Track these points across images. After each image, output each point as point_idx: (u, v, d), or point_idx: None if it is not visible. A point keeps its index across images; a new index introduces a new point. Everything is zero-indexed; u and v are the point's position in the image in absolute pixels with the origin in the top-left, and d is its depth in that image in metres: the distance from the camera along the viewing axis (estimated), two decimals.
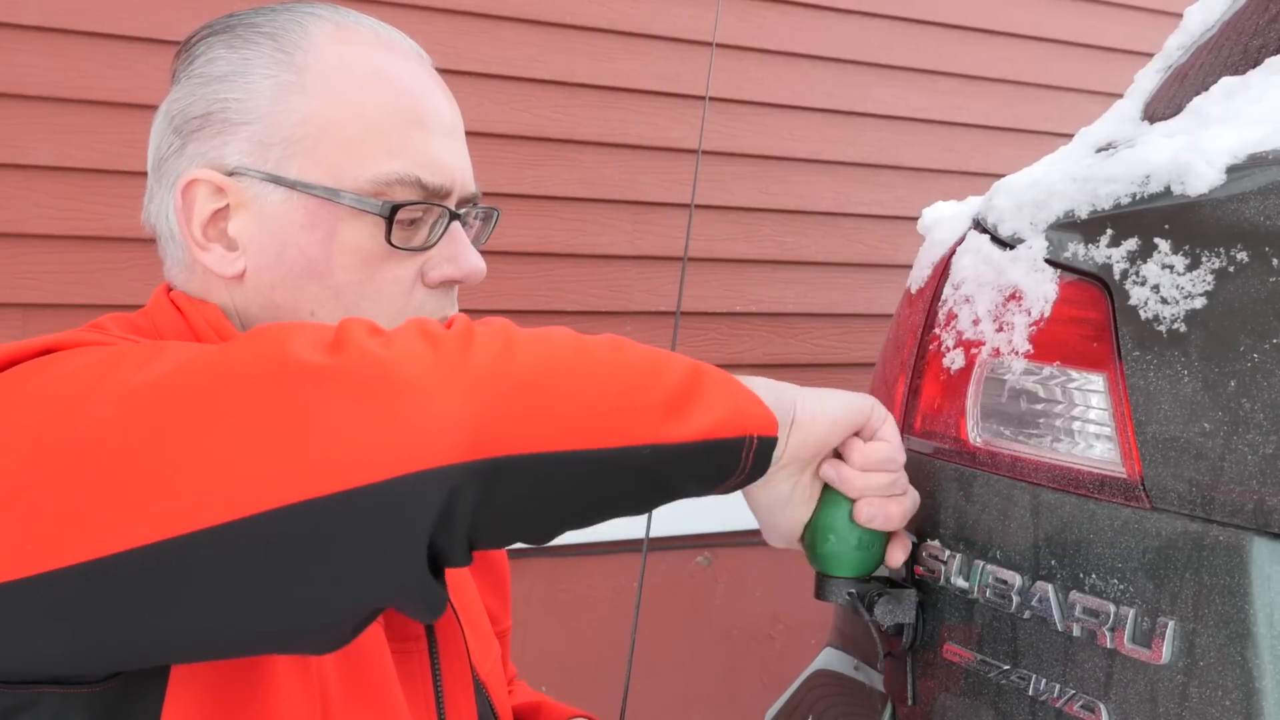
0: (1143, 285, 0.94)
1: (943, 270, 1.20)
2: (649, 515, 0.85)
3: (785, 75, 2.79)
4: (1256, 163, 0.93)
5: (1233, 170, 0.93)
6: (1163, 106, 1.26)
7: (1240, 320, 0.87)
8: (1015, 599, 0.99)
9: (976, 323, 1.10)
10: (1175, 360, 0.91)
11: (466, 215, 0.98)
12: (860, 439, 0.92)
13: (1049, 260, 1.04)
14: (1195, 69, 1.26)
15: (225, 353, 0.71)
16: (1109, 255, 0.98)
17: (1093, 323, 0.98)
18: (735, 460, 0.80)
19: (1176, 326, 0.91)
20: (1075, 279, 1.01)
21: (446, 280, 0.95)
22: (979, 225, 1.18)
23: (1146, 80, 1.35)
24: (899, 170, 2.95)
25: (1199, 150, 0.95)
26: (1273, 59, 1.12)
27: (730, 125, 2.73)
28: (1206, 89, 1.14)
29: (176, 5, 2.15)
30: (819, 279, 2.87)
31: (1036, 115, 3.08)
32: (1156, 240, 0.94)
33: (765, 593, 2.82)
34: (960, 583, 1.04)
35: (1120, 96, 1.36)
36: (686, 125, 2.65)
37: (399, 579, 0.69)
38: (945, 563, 1.06)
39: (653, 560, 2.59)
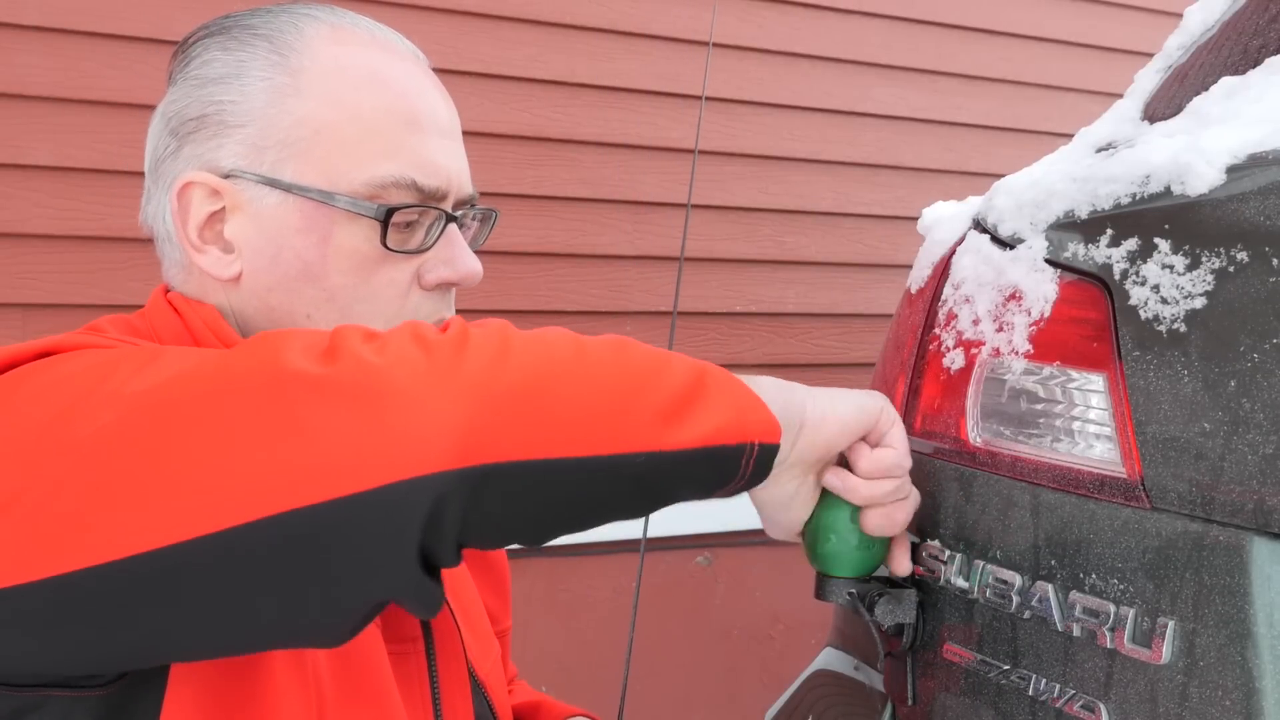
0: (1143, 285, 0.94)
1: (943, 270, 1.20)
2: (647, 515, 0.85)
3: (785, 75, 2.79)
4: (1256, 163, 0.92)
5: (1233, 170, 0.93)
6: (1163, 106, 1.26)
7: (1240, 320, 0.87)
8: (1015, 599, 0.98)
9: (976, 323, 1.10)
10: (1175, 360, 0.91)
11: (464, 217, 0.98)
12: (867, 444, 0.91)
13: (1049, 260, 1.04)
14: (1195, 69, 1.26)
15: (223, 361, 0.72)
16: (1109, 255, 0.98)
17: (1093, 323, 0.98)
18: (734, 467, 0.79)
19: (1176, 326, 0.91)
20: (1075, 279, 1.01)
21: (443, 283, 0.94)
22: (979, 225, 1.18)
23: (1146, 80, 1.35)
24: (899, 170, 2.95)
25: (1199, 150, 0.95)
26: (1273, 59, 1.12)
27: (730, 125, 2.73)
28: (1206, 89, 1.14)
29: (176, 5, 2.15)
30: (819, 279, 2.86)
31: (1036, 115, 3.08)
32: (1156, 240, 0.94)
33: (765, 593, 2.82)
34: (960, 583, 1.04)
35: (1120, 96, 1.36)
36: (687, 125, 2.64)
37: (393, 580, 0.70)
38: (945, 563, 1.05)
39: (653, 560, 2.58)
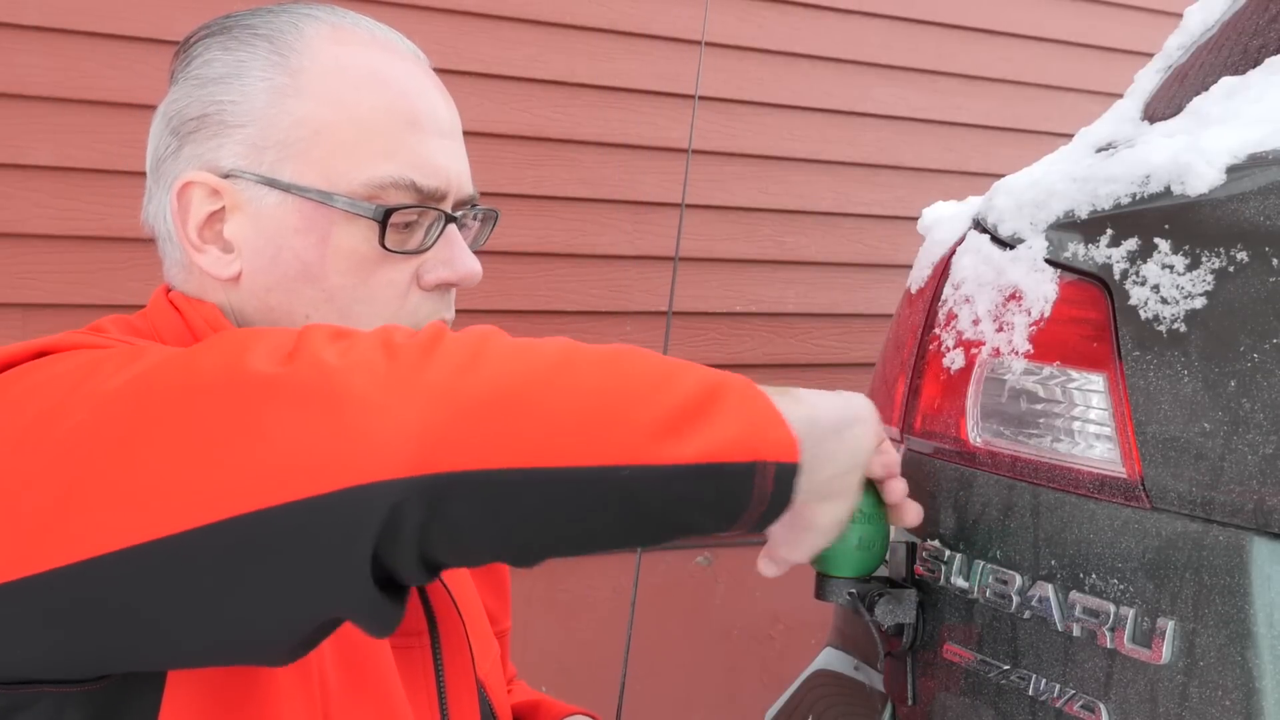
0: (1143, 285, 0.94)
1: (943, 270, 1.20)
2: (654, 544, 0.79)
3: (785, 75, 2.79)
4: (1256, 163, 0.93)
5: (1233, 170, 0.93)
6: (1163, 106, 1.26)
7: (1240, 320, 0.87)
8: (1015, 599, 0.98)
9: (976, 323, 1.10)
10: (1175, 360, 0.91)
11: (463, 217, 0.98)
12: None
13: (1049, 260, 1.04)
14: (1195, 69, 1.26)
15: (189, 358, 0.71)
16: (1109, 255, 0.98)
17: (1093, 323, 0.98)
18: (745, 488, 0.71)
19: (1176, 326, 0.91)
20: (1075, 279, 1.01)
21: (442, 283, 0.94)
22: (979, 225, 1.18)
23: (1146, 80, 1.35)
24: (899, 170, 2.95)
25: (1199, 150, 0.95)
26: (1273, 59, 1.12)
27: (730, 125, 2.72)
28: (1206, 89, 1.14)
29: (176, 5, 2.15)
30: (819, 279, 2.86)
31: (1036, 115, 3.08)
32: (1156, 240, 0.94)
33: (765, 593, 2.81)
34: (960, 583, 1.04)
35: (1120, 96, 1.36)
36: (686, 125, 2.64)
37: (341, 593, 0.67)
38: (945, 563, 1.05)
39: (652, 560, 2.58)
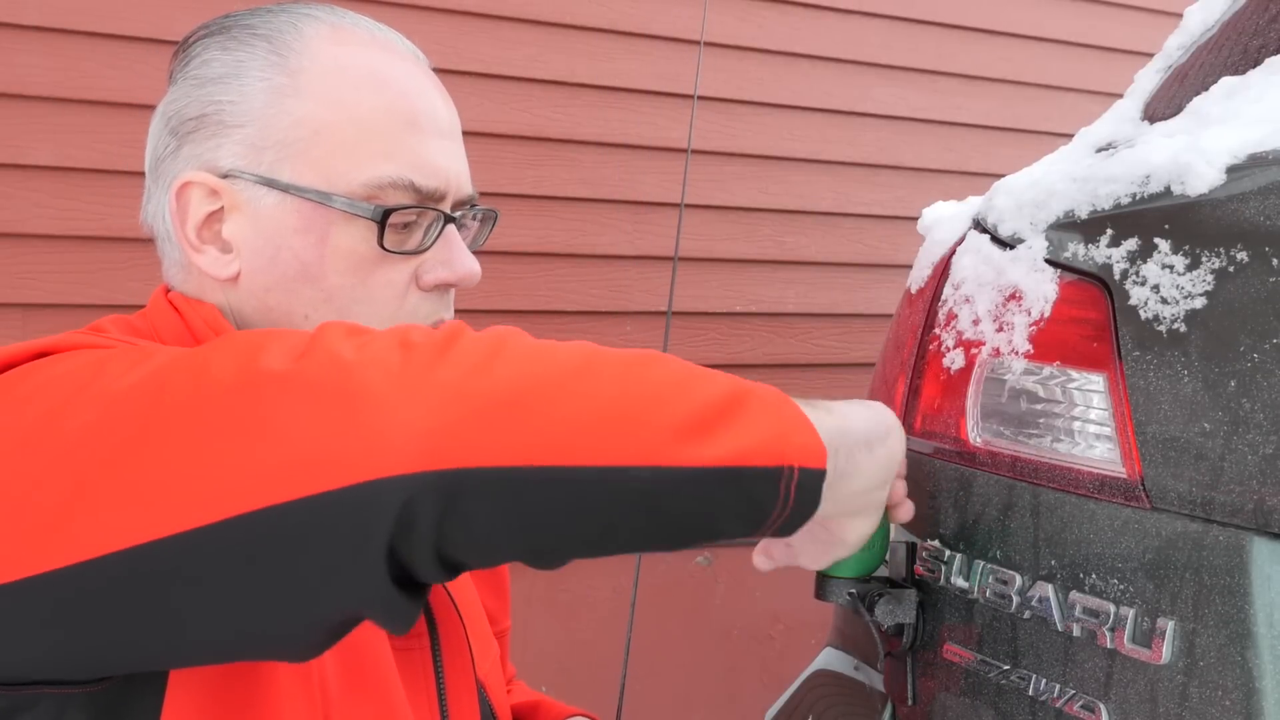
0: (1143, 285, 0.94)
1: (943, 270, 1.20)
2: (677, 548, 0.78)
3: (785, 75, 2.79)
4: (1256, 163, 0.92)
5: (1233, 170, 0.93)
6: (1163, 106, 1.26)
7: (1240, 320, 0.87)
8: (1015, 599, 0.98)
9: (976, 323, 1.10)
10: (1175, 360, 0.91)
11: (462, 218, 0.98)
12: None
13: (1049, 260, 1.04)
14: (1195, 69, 1.26)
15: (202, 358, 0.71)
16: (1109, 255, 0.98)
17: (1093, 323, 0.98)
18: (770, 492, 0.71)
19: (1176, 326, 0.91)
20: (1075, 279, 1.01)
21: (440, 284, 0.94)
22: (979, 225, 1.18)
23: (1146, 80, 1.35)
24: (899, 170, 2.95)
25: (1199, 150, 0.95)
26: (1273, 59, 1.12)
27: (730, 125, 2.72)
28: (1206, 89, 1.14)
29: (176, 5, 2.15)
30: (819, 279, 2.86)
31: (1036, 115, 3.08)
32: (1156, 240, 0.94)
33: (765, 593, 2.81)
34: (960, 583, 1.04)
35: (1120, 96, 1.36)
36: (686, 125, 2.64)
37: (358, 588, 0.67)
38: (945, 563, 1.05)
39: (652, 560, 2.58)
